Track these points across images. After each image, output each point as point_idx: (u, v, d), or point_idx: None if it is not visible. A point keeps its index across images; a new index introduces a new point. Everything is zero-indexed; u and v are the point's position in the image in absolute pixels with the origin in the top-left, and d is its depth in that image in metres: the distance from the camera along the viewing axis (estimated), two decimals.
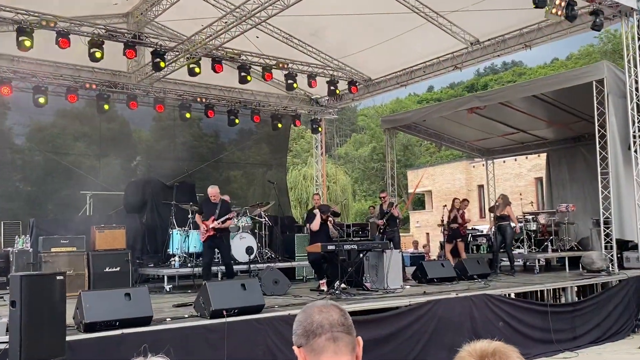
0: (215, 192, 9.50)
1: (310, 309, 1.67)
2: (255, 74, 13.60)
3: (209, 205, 9.48)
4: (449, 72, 13.55)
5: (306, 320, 1.62)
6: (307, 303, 1.80)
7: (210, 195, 9.50)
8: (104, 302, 5.96)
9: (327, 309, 1.67)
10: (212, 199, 9.46)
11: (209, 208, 9.46)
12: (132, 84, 13.12)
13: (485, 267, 11.15)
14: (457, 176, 34.77)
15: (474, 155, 19.39)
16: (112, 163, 14.25)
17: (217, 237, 9.36)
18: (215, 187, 9.67)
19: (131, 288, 8.02)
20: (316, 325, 1.59)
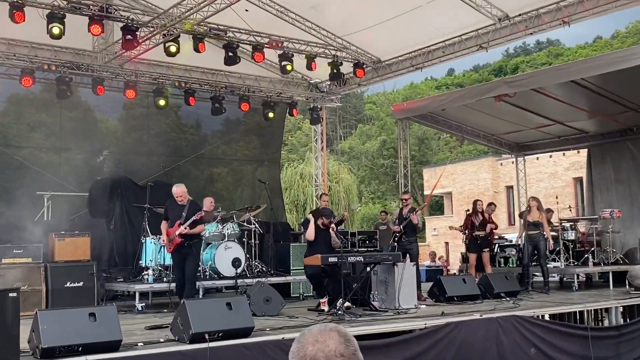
0: (181, 191, 9.27)
1: (304, 338, 1.66)
2: (244, 54, 13.58)
3: (175, 207, 9.27)
4: (473, 52, 13.53)
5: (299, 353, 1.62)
6: (304, 326, 1.79)
7: (176, 195, 9.27)
8: (65, 323, 5.96)
9: (323, 337, 1.66)
10: (179, 200, 9.25)
11: (175, 211, 9.25)
12: (99, 65, 13.11)
13: (514, 284, 11.15)
14: (482, 175, 34.79)
15: (502, 150, 19.37)
16: (74, 158, 14.24)
17: (185, 245, 9.17)
18: (181, 185, 9.42)
19: (97, 307, 8.02)
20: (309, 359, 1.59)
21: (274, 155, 17.71)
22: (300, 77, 16.07)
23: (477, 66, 62.85)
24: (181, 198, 9.25)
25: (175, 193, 9.30)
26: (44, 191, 12.85)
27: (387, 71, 15.18)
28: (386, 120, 46.60)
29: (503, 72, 53.66)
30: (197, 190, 15.23)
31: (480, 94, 13.51)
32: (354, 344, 1.66)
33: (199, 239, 9.65)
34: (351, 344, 1.66)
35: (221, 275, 10.93)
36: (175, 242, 9.14)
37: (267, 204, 13.40)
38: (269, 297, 9.01)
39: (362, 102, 60.33)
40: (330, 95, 16.80)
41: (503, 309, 9.04)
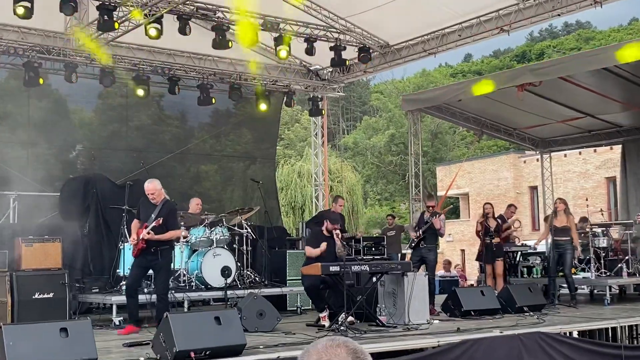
0: (153, 188, 9.01)
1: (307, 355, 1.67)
2: (236, 37, 13.58)
3: (148, 207, 9.07)
4: (493, 36, 13.52)
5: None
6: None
7: (148, 192, 9.03)
8: (33, 339, 5.98)
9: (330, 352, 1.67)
10: (151, 198, 9.03)
11: (147, 211, 9.05)
12: (72, 49, 13.10)
13: (538, 296, 11.16)
14: (502, 174, 34.81)
15: (525, 146, 19.37)
16: (43, 154, 14.24)
17: (151, 252, 8.94)
18: (153, 181, 9.17)
19: (69, 321, 8.03)
20: None
21: (269, 151, 17.72)
22: (299, 63, 16.07)
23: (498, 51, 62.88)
24: (154, 196, 9.02)
25: (148, 190, 9.05)
26: (9, 191, 12.84)
27: (396, 57, 15.17)
28: (395, 112, 46.62)
29: (527, 58, 53.69)
30: (182, 190, 15.27)
31: (501, 83, 13.50)
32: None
33: (170, 246, 9.34)
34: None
35: (209, 285, 10.93)
36: (138, 247, 8.92)
37: (261, 206, 13.41)
38: (263, 310, 9.02)
39: (367, 91, 60.38)
40: (332, 83, 16.79)
41: (526, 324, 9.06)
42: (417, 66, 58.00)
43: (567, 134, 17.54)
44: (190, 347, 6.36)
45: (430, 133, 45.13)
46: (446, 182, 34.74)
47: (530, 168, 32.54)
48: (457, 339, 7.88)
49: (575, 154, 29.63)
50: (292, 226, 27.35)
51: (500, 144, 42.47)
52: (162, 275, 9.15)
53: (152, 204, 9.01)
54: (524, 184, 34.17)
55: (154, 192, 9.04)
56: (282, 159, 35.17)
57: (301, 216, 29.53)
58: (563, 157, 29.09)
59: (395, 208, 46.69)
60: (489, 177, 35.27)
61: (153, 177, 13.98)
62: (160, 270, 9.11)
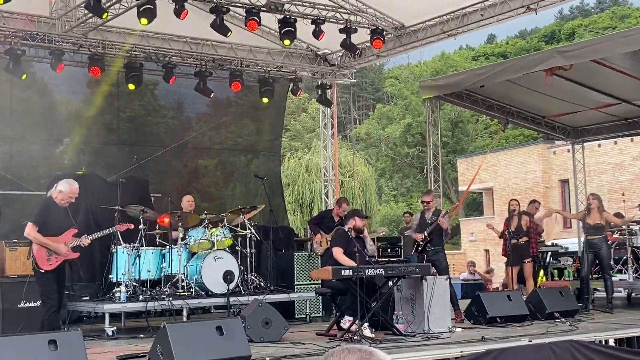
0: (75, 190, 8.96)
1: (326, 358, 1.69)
2: (236, 19, 13.57)
3: (59, 211, 8.91)
4: (519, 15, 13.47)
5: None
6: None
7: (75, 194, 8.97)
8: (19, 352, 6.01)
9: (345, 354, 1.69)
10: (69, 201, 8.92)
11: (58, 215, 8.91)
12: (58, 34, 13.14)
13: (571, 301, 11.17)
14: (530, 167, 34.74)
15: (555, 136, 19.32)
16: (28, 149, 14.29)
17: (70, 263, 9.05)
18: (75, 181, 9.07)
19: (58, 332, 8.07)
20: None
21: (273, 143, 17.74)
22: (306, 47, 16.05)
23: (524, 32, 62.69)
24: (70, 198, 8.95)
25: (75, 192, 8.99)
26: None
27: (412, 39, 15.14)
28: (411, 100, 46.56)
29: (556, 39, 53.53)
30: (180, 187, 15.30)
31: (527, 67, 13.47)
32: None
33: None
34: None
35: (210, 292, 10.96)
36: (71, 256, 8.93)
37: (265, 204, 13.42)
38: (269, 319, 9.05)
39: (381, 77, 60.33)
40: (342, 69, 16.78)
41: (557, 332, 9.06)
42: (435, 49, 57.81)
43: (601, 122, 17.47)
44: (190, 359, 6.38)
45: (451, 122, 45.07)
46: (468, 176, 34.69)
47: (561, 160, 32.45)
48: (482, 348, 7.89)
49: (610, 143, 29.54)
50: (300, 226, 27.41)
51: (527, 133, 42.38)
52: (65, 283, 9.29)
53: (60, 207, 8.90)
54: (553, 177, 34.07)
55: (74, 194, 8.98)
56: (288, 152, 35.25)
57: (309, 214, 29.55)
58: (597, 148, 29.00)
59: (412, 205, 46.64)
60: (515, 170, 35.18)
61: (147, 173, 14.13)
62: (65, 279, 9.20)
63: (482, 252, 35.24)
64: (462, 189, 34.99)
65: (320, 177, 20.89)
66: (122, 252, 10.87)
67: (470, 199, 40.88)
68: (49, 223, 8.79)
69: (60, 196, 8.80)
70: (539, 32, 59.14)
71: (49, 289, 8.75)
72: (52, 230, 8.78)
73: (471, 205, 43.25)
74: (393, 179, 50.19)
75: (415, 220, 11.92)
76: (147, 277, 10.89)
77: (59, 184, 8.97)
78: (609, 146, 30.23)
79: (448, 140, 43.02)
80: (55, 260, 8.73)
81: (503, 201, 33.51)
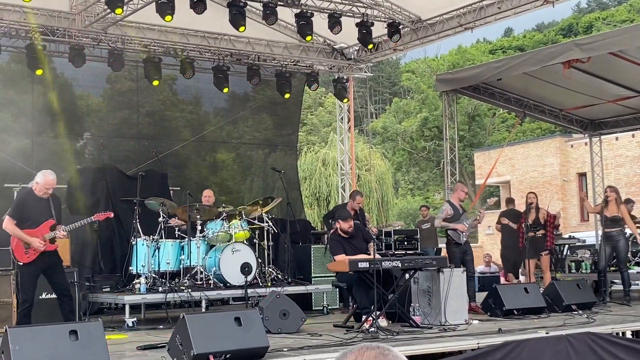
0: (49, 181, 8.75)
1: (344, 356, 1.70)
2: (253, 13, 13.58)
3: (38, 202, 8.75)
4: (536, 8, 13.40)
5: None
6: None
7: (52, 186, 8.82)
8: (41, 343, 6.06)
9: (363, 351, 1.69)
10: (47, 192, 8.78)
11: (39, 207, 8.75)
12: (78, 29, 13.20)
13: (588, 294, 11.13)
14: (547, 160, 34.53)
15: (573, 129, 19.21)
16: (49, 143, 14.39)
17: (53, 252, 8.86)
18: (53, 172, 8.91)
19: (78, 322, 8.14)
20: None
21: (290, 137, 17.76)
22: (322, 41, 16.04)
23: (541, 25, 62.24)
24: (47, 189, 8.79)
25: (51, 184, 8.81)
26: (13, 183, 13.01)
27: (429, 32, 15.08)
28: (428, 93, 46.36)
29: (574, 32, 53.11)
30: (198, 181, 15.40)
31: (545, 60, 13.40)
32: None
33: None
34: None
35: (228, 283, 11.01)
36: (49, 248, 8.72)
37: (283, 197, 13.45)
38: (286, 310, 9.07)
39: (397, 71, 60.15)
40: (359, 63, 16.75)
41: (575, 324, 9.04)
42: (452, 42, 57.59)
43: (619, 115, 17.36)
44: (209, 350, 6.41)
45: (467, 116, 44.84)
46: (485, 170, 34.53)
47: (578, 153, 32.24)
48: (499, 340, 7.88)
49: (628, 136, 29.29)
50: (317, 219, 27.39)
51: (544, 126, 42.10)
52: (63, 270, 9.15)
53: (39, 198, 8.74)
54: (571, 171, 33.86)
55: (51, 185, 8.83)
56: (305, 146, 35.22)
57: (326, 208, 29.57)
58: (614, 141, 28.77)
59: (429, 198, 46.55)
60: (533, 163, 34.99)
61: (166, 167, 14.20)
62: (59, 265, 9.08)
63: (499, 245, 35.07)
64: (479, 182, 34.81)
65: (337, 171, 20.91)
66: (142, 244, 10.94)
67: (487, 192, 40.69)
68: (26, 215, 8.67)
69: (38, 187, 8.68)
70: (557, 25, 58.70)
71: (25, 283, 8.67)
72: (29, 222, 8.64)
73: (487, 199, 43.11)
74: (409, 173, 50.05)
75: (447, 210, 11.57)
76: (166, 269, 10.95)
77: (37, 175, 8.85)
78: (626, 139, 29.98)
79: (465, 134, 42.83)
80: (33, 253, 8.59)
81: (520, 195, 33.29)
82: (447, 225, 11.35)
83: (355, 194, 12.51)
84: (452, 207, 11.49)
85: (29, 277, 8.69)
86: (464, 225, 11.29)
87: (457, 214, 11.42)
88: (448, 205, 11.61)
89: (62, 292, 8.89)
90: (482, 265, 21.63)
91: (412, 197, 48.12)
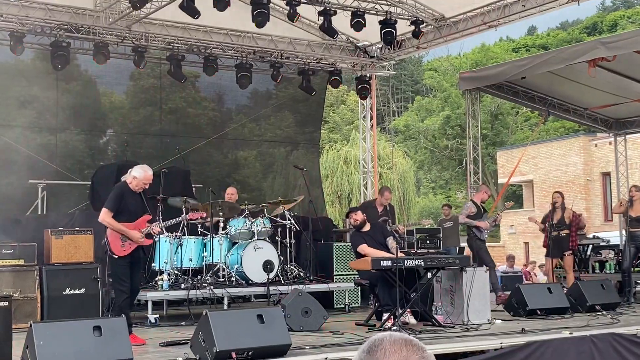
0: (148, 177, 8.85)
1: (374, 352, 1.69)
2: (277, 11, 13.59)
3: (132, 196, 8.83)
4: (561, 6, 13.31)
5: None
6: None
7: (148, 182, 8.87)
8: (65, 338, 6.10)
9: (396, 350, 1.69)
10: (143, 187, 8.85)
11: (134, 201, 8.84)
12: (101, 26, 13.27)
13: (612, 294, 11.07)
14: (571, 159, 34.32)
15: (597, 128, 19.08)
16: (73, 140, 14.50)
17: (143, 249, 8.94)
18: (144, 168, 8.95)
19: (102, 319, 8.19)
20: None
21: (313, 135, 17.76)
22: (345, 39, 16.01)
23: (565, 23, 61.85)
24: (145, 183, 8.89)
25: (149, 179, 8.89)
26: (37, 179, 13.14)
27: (452, 30, 15.02)
28: (451, 92, 46.18)
29: (598, 30, 52.71)
30: (220, 178, 15.45)
31: (570, 58, 13.33)
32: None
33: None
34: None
35: (250, 281, 11.05)
36: (146, 242, 8.87)
37: (305, 195, 13.46)
38: (308, 308, 9.08)
39: (420, 69, 59.98)
40: (381, 61, 16.71)
41: (599, 325, 8.99)
42: (475, 41, 57.24)
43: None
44: (231, 347, 6.43)
45: (490, 114, 44.61)
46: (508, 169, 34.37)
47: (603, 152, 32.00)
48: (522, 340, 7.85)
49: None
50: (338, 217, 27.38)
51: (568, 125, 41.83)
52: (141, 268, 9.23)
53: (134, 192, 8.82)
54: (595, 170, 33.63)
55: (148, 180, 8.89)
56: (327, 143, 35.23)
57: (348, 206, 29.54)
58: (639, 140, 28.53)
59: (451, 197, 46.38)
60: (556, 162, 34.79)
61: (188, 163, 14.25)
62: (141, 262, 9.18)
63: (522, 244, 34.93)
64: (502, 181, 34.69)
65: (358, 169, 20.87)
66: (165, 241, 10.99)
67: (510, 191, 40.50)
68: (123, 209, 8.70)
69: (135, 182, 8.73)
70: (581, 23, 58.30)
71: (121, 275, 8.63)
72: (126, 216, 8.69)
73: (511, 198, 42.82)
74: (432, 171, 49.92)
75: (470, 207, 12.22)
76: (188, 266, 11.01)
77: (133, 169, 8.88)
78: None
79: (487, 133, 42.62)
80: (129, 247, 8.64)
81: (543, 194, 33.18)
82: (471, 222, 12.14)
83: (384, 190, 12.58)
84: (475, 206, 12.18)
85: (124, 269, 8.66)
86: (486, 223, 11.97)
87: (479, 212, 12.07)
88: (472, 204, 12.31)
89: (133, 291, 8.89)
90: (504, 264, 21.53)
91: (433, 196, 48.00)
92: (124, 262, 8.60)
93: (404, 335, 1.93)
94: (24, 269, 10.06)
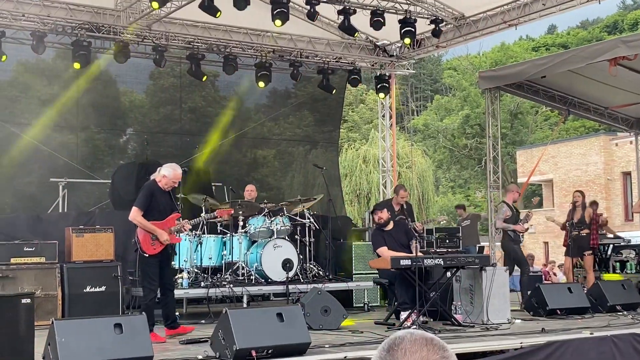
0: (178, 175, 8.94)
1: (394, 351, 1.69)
2: (296, 10, 13.60)
3: (162, 194, 8.86)
4: (581, 4, 13.23)
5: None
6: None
7: (177, 180, 8.95)
8: (86, 335, 6.14)
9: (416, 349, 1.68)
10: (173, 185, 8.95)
11: (164, 199, 8.88)
12: (122, 26, 13.34)
13: (633, 294, 10.99)
14: (591, 158, 34.11)
15: (618, 127, 18.94)
16: (93, 138, 14.59)
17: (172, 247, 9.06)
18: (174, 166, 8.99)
19: (123, 316, 8.25)
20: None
21: (332, 134, 17.76)
22: (365, 38, 15.99)
23: (586, 22, 61.44)
24: (175, 182, 8.97)
25: (179, 178, 8.98)
26: (58, 178, 13.23)
27: (472, 29, 14.97)
28: (470, 91, 46.05)
29: (619, 29, 52.32)
30: (239, 177, 15.47)
31: (590, 57, 13.23)
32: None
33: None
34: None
35: (269, 279, 11.07)
36: (174, 241, 8.98)
37: (324, 194, 13.46)
38: (328, 307, 9.09)
39: (439, 68, 59.84)
40: (401, 60, 16.68)
41: (619, 325, 8.94)
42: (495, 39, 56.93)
43: None
44: (251, 345, 6.45)
45: (510, 113, 44.45)
46: (528, 168, 34.22)
47: (623, 151, 31.77)
48: (542, 340, 7.83)
49: None
50: (357, 216, 27.40)
51: (588, 124, 41.60)
52: (171, 265, 9.37)
53: (163, 190, 8.86)
54: (615, 170, 33.41)
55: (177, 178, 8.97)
56: (346, 142, 35.19)
57: (367, 205, 29.52)
58: None
59: (469, 196, 46.28)
60: (576, 161, 34.59)
61: (209, 163, 14.30)
62: (171, 260, 9.32)
63: (542, 244, 34.77)
64: (522, 180, 34.50)
65: (377, 168, 20.88)
66: (185, 239, 11.02)
67: (530, 191, 40.32)
68: (153, 207, 8.74)
69: (164, 181, 8.77)
70: (601, 22, 57.89)
71: (151, 274, 8.68)
72: (156, 214, 8.72)
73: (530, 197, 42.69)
74: (451, 171, 49.80)
75: (506, 211, 12.01)
76: (208, 264, 11.04)
77: (163, 168, 8.92)
78: None
79: (507, 132, 42.46)
80: (160, 245, 8.67)
81: (563, 193, 33.00)
82: (508, 226, 11.83)
83: (399, 188, 12.52)
84: (510, 208, 11.96)
85: (154, 268, 8.72)
86: (522, 226, 11.88)
87: (514, 214, 11.89)
88: (507, 207, 12.04)
89: (168, 287, 8.94)
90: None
91: (452, 195, 47.87)
92: (154, 260, 8.65)
93: (425, 334, 1.93)
94: (46, 267, 10.13)
